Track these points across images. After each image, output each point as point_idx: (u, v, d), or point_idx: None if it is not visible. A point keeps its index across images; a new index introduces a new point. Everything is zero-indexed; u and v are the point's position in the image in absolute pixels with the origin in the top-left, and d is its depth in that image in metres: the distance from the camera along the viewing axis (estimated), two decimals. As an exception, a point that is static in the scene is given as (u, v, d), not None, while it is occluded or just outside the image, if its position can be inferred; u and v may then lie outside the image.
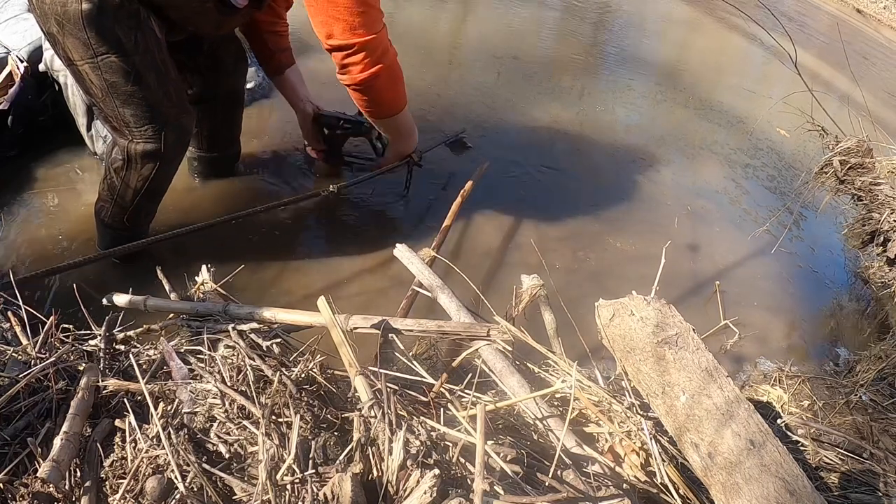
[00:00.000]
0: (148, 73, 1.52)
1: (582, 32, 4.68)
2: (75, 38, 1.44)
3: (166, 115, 1.58)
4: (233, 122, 2.10)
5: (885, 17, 8.75)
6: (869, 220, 2.86)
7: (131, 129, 1.57)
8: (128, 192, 1.66)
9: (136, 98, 1.53)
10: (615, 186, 2.79)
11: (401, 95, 1.88)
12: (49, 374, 1.05)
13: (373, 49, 1.66)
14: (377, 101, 1.82)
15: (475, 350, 1.26)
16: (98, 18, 1.42)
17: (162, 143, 1.59)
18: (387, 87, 1.79)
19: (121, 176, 1.64)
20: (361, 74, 1.69)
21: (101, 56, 1.46)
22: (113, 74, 1.49)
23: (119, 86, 1.50)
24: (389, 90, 1.81)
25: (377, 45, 1.67)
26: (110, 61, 1.47)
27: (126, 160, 1.61)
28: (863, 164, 2.94)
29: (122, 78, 1.49)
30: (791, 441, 1.67)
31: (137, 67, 1.50)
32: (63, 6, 1.40)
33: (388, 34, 1.72)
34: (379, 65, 1.69)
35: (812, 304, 2.48)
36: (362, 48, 1.64)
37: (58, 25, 1.44)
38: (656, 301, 1.34)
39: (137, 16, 1.47)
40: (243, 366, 1.11)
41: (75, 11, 1.40)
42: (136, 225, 1.76)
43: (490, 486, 0.94)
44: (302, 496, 0.90)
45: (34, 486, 0.90)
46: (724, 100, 4.10)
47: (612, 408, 1.27)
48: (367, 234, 2.12)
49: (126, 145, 1.59)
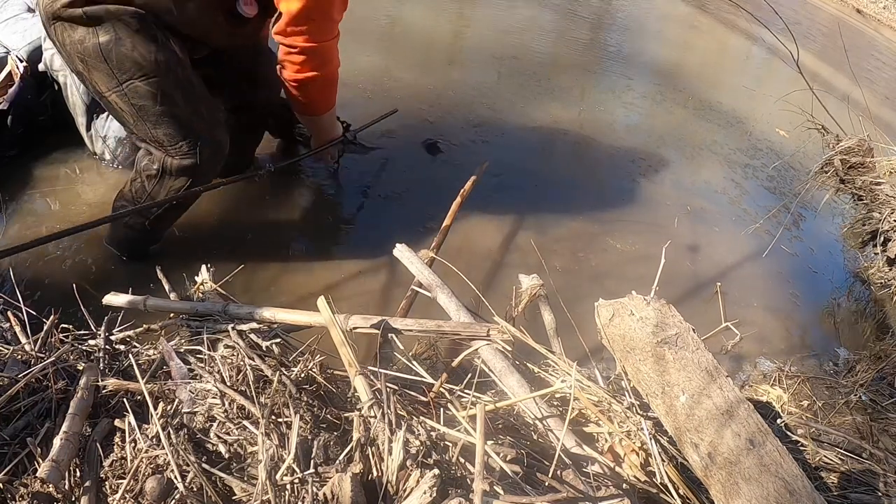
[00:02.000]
0: (174, 91, 1.54)
1: (582, 33, 4.68)
2: (99, 71, 1.49)
3: (198, 131, 1.60)
4: (254, 136, 2.13)
5: (885, 17, 8.75)
6: (869, 219, 2.86)
7: (166, 147, 1.59)
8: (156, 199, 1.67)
9: (166, 118, 1.55)
10: (615, 186, 2.79)
11: (329, 100, 1.89)
12: (49, 373, 1.04)
13: (313, 55, 1.66)
14: (306, 101, 1.82)
15: (475, 350, 1.26)
16: (116, 48, 1.45)
17: (198, 158, 1.61)
18: (318, 91, 1.79)
19: (152, 184, 1.65)
20: (296, 75, 1.70)
21: (126, 83, 1.49)
22: (140, 98, 1.52)
23: (148, 108, 1.53)
24: (319, 94, 1.82)
25: (320, 53, 1.67)
26: (135, 86, 1.50)
27: (161, 171, 1.62)
28: (864, 164, 2.95)
29: (150, 100, 1.52)
30: (791, 441, 1.67)
31: (163, 88, 1.52)
32: (82, 43, 1.45)
33: (338, 44, 1.72)
34: (315, 73, 1.70)
35: (812, 304, 2.48)
36: (303, 52, 1.64)
37: (82, 63, 1.49)
38: (656, 301, 1.34)
39: (155, 39, 1.49)
40: (243, 366, 1.11)
41: (94, 46, 1.44)
42: (155, 230, 1.76)
43: (490, 486, 0.94)
44: (302, 496, 0.90)
45: (34, 486, 0.90)
46: (724, 100, 4.10)
47: (612, 408, 1.27)
48: (367, 234, 2.12)
49: (163, 157, 1.61)
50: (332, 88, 1.85)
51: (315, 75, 1.70)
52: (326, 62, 1.72)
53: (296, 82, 1.72)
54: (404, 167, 2.46)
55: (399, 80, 3.02)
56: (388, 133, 2.59)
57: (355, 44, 3.19)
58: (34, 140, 2.05)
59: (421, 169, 2.48)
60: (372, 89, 2.86)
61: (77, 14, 1.43)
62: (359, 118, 2.50)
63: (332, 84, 1.83)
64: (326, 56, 1.70)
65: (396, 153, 2.51)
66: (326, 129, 2.05)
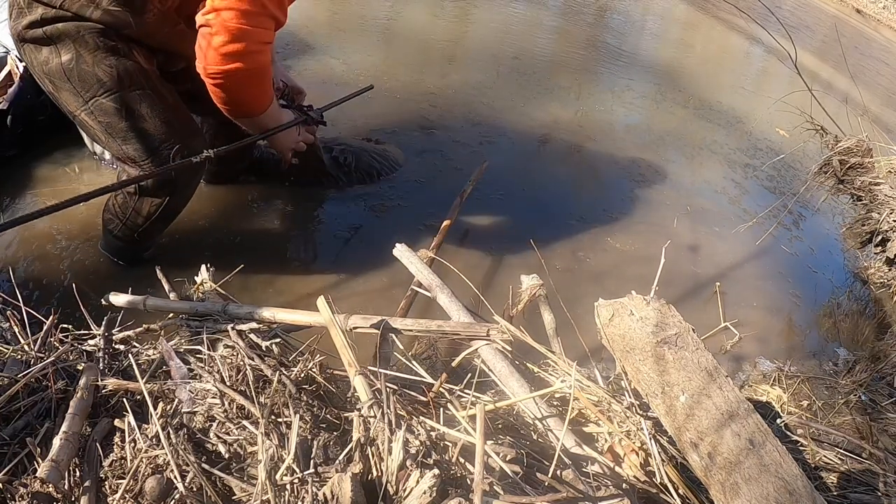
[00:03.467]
0: (139, 105, 1.50)
1: (581, 32, 4.68)
2: (66, 91, 1.47)
3: (171, 143, 1.55)
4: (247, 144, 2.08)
5: (885, 17, 8.75)
6: (868, 219, 2.86)
7: (139, 164, 1.55)
8: (139, 217, 1.65)
9: (133, 133, 1.51)
10: (614, 186, 2.80)
11: (262, 98, 1.60)
12: (48, 373, 1.04)
13: (236, 38, 1.35)
14: (231, 100, 1.53)
15: (474, 350, 1.26)
16: (77, 66, 1.43)
17: (172, 173, 1.56)
18: (244, 87, 1.50)
19: (133, 199, 1.63)
20: (215, 67, 1.39)
21: (90, 101, 1.47)
22: (106, 115, 1.49)
23: (114, 125, 1.50)
24: (247, 91, 1.53)
25: (246, 37, 1.36)
26: (100, 103, 1.48)
27: (138, 188, 1.60)
28: (862, 164, 2.94)
29: (115, 117, 1.49)
30: (790, 441, 1.67)
31: (127, 102, 1.49)
32: (47, 64, 1.44)
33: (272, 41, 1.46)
34: (238, 63, 1.39)
35: (811, 304, 2.48)
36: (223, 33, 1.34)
37: (51, 83, 1.48)
38: (656, 301, 1.34)
39: (116, 51, 1.46)
40: (243, 365, 1.11)
41: (57, 65, 1.43)
42: (145, 239, 1.75)
43: (490, 486, 0.94)
44: (301, 496, 0.90)
45: (33, 486, 0.90)
46: (724, 100, 4.10)
47: (612, 408, 1.27)
48: (366, 234, 2.12)
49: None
50: (262, 83, 1.55)
51: (238, 67, 1.39)
52: (254, 53, 1.40)
53: (214, 77, 1.42)
54: (404, 167, 2.46)
55: (399, 80, 3.03)
56: (387, 134, 2.59)
57: (355, 43, 3.19)
58: (34, 140, 2.05)
59: (420, 169, 2.48)
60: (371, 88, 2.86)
61: (39, 34, 1.41)
62: (358, 117, 2.50)
63: (262, 77, 1.53)
64: (253, 45, 1.39)
65: (395, 153, 2.51)
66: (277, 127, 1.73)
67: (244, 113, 1.60)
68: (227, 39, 1.35)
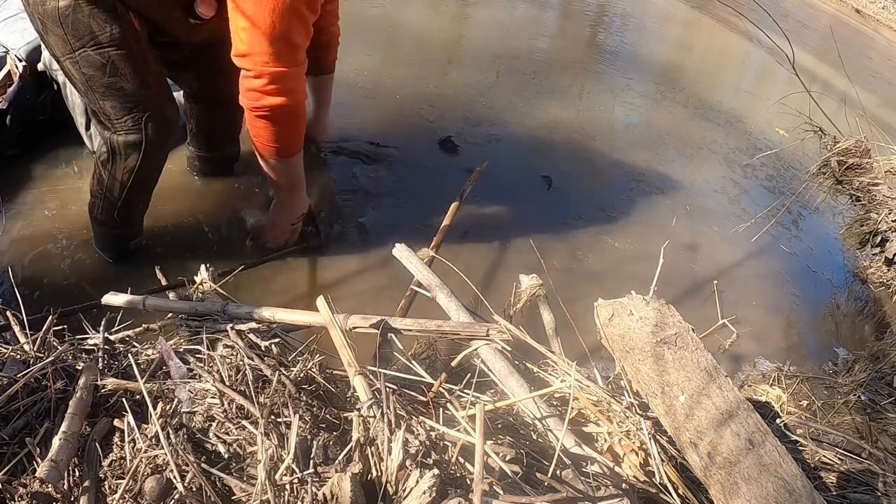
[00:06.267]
0: (124, 65, 1.53)
1: (581, 32, 4.68)
2: (55, 35, 1.48)
3: (146, 106, 1.59)
4: (231, 122, 2.09)
5: (884, 17, 8.75)
6: (867, 220, 2.86)
7: (112, 121, 1.59)
8: (115, 185, 1.67)
9: (113, 90, 1.54)
10: (614, 186, 2.79)
11: (296, 138, 1.71)
12: (48, 373, 1.04)
13: (281, 80, 1.53)
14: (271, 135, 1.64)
15: (474, 350, 1.26)
16: (73, 14, 1.45)
17: (143, 134, 1.60)
18: (285, 123, 1.63)
19: (107, 169, 1.66)
20: (260, 102, 1.56)
21: (78, 51, 1.49)
22: (90, 67, 1.51)
23: (96, 78, 1.53)
24: (287, 128, 1.65)
25: (287, 78, 1.54)
26: (87, 55, 1.50)
27: (111, 152, 1.63)
28: (861, 165, 2.95)
29: (99, 70, 1.52)
30: (790, 441, 1.67)
31: (113, 59, 1.51)
32: (42, 5, 1.45)
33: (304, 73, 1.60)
34: (282, 98, 1.55)
35: (811, 304, 2.48)
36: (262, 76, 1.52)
37: (41, 24, 1.49)
38: (655, 301, 1.34)
39: (114, 10, 1.48)
40: (242, 365, 1.11)
41: (53, 9, 1.44)
42: (127, 222, 1.77)
43: (489, 486, 0.94)
44: (301, 496, 0.90)
45: (33, 486, 0.89)
46: (723, 100, 4.10)
47: (611, 407, 1.27)
48: (366, 233, 2.12)
49: (109, 137, 1.61)
50: (300, 122, 1.70)
51: (282, 102, 1.56)
52: (293, 90, 1.58)
53: (259, 110, 1.57)
54: (403, 166, 2.46)
55: (398, 79, 3.02)
56: (387, 134, 2.59)
57: (355, 43, 3.18)
58: (33, 139, 2.05)
59: (420, 168, 2.48)
60: (371, 88, 2.87)
61: None
62: (358, 116, 2.50)
63: (301, 118, 1.69)
64: (291, 83, 1.56)
65: (395, 152, 2.51)
66: (291, 186, 1.82)
67: (279, 150, 1.68)
68: (265, 81, 1.52)
